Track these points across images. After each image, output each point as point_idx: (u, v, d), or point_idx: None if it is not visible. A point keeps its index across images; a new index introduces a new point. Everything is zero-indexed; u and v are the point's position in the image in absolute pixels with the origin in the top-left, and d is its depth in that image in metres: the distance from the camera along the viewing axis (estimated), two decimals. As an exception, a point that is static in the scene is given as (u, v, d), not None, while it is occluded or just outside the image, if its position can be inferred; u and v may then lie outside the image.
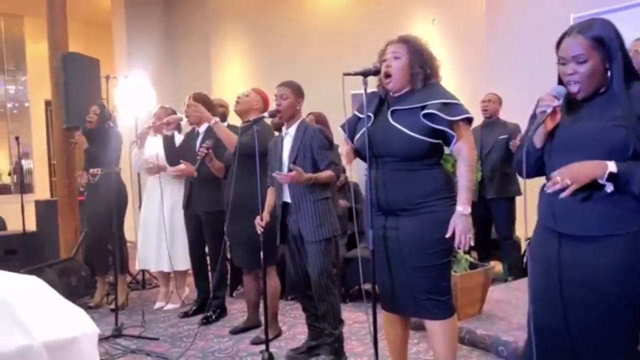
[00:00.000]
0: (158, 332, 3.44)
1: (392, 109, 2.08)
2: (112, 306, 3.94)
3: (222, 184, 3.44)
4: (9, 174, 9.71)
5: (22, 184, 5.65)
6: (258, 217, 2.70)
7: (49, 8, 4.73)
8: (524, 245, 4.35)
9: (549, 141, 1.64)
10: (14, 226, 5.69)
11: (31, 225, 5.15)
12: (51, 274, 3.83)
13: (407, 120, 2.01)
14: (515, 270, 4.12)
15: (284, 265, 3.62)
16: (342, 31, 6.00)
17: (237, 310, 3.87)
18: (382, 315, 2.20)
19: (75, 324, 1.47)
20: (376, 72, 2.06)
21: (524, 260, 4.32)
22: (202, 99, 3.64)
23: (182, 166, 3.60)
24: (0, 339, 1.29)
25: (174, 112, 4.00)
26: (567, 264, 1.58)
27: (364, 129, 2.11)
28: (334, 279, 2.71)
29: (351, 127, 2.24)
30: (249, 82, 6.29)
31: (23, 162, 8.22)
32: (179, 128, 3.93)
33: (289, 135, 2.76)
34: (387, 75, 2.06)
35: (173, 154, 3.65)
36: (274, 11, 6.50)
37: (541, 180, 1.72)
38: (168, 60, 7.04)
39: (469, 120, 2.05)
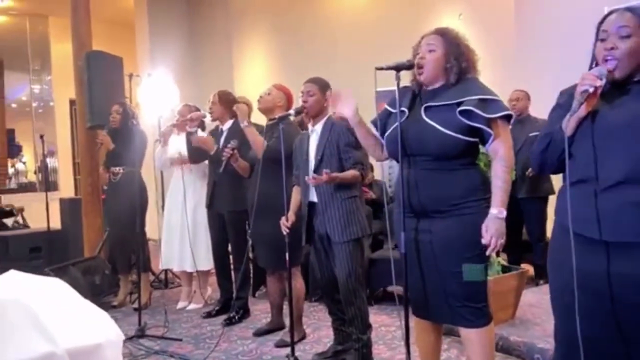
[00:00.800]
0: (181, 333, 3.40)
1: (425, 104, 1.98)
2: (135, 305, 3.93)
3: (246, 182, 3.39)
4: (35, 172, 9.89)
5: (47, 182, 5.69)
6: (283, 218, 2.63)
7: (74, 8, 4.75)
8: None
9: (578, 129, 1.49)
10: (39, 224, 5.75)
11: (56, 223, 5.18)
12: (75, 273, 3.83)
13: (442, 117, 1.91)
14: (547, 273, 3.96)
15: (308, 266, 3.55)
16: (366, 27, 5.90)
17: (260, 311, 3.81)
18: (413, 321, 2.10)
19: (99, 329, 1.42)
20: (409, 67, 1.96)
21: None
22: (227, 97, 3.60)
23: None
24: (23, 345, 1.24)
25: (198, 110, 3.96)
26: (619, 278, 1.42)
27: (395, 124, 2.02)
28: (362, 282, 2.62)
29: (382, 122, 2.14)
30: (271, 80, 6.23)
31: (48, 160, 8.34)
32: (202, 126, 3.89)
33: (315, 133, 2.68)
34: (420, 67, 1.97)
35: (196, 151, 3.60)
36: (296, 9, 6.43)
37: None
38: (190, 59, 7.03)
39: (508, 118, 1.94)
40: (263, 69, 6.73)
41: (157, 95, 4.46)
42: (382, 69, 1.96)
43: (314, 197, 2.67)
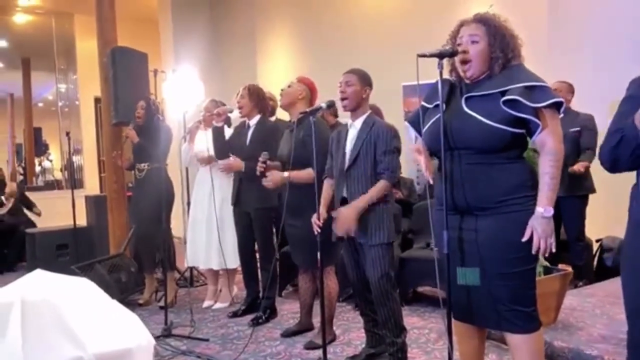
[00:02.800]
0: (208, 333, 3.33)
1: (466, 95, 1.86)
2: (161, 304, 3.89)
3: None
4: (61, 170, 10.01)
5: (73, 179, 5.71)
6: (315, 216, 2.53)
7: (99, 5, 4.73)
8: (595, 247, 4.02)
9: None
10: (64, 221, 5.78)
11: (81, 221, 5.18)
12: (101, 270, 3.80)
13: (485, 107, 1.78)
14: (587, 275, 3.79)
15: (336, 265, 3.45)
16: (389, 18, 5.75)
17: (287, 310, 3.73)
18: (454, 325, 1.98)
19: (129, 333, 1.34)
20: (453, 54, 1.84)
21: (595, 264, 3.99)
22: (257, 92, 3.51)
23: (230, 159, 3.48)
24: (50, 350, 1.17)
25: (224, 105, 3.89)
26: None
27: (434, 118, 1.90)
28: (394, 284, 2.50)
29: (418, 120, 2.02)
30: (295, 74, 6.15)
31: (74, 158, 8.42)
32: (228, 122, 3.81)
33: (353, 128, 2.57)
34: (464, 62, 1.83)
35: (222, 147, 3.53)
36: (320, 3, 6.32)
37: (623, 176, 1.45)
38: (214, 55, 6.99)
39: (558, 106, 1.79)
40: (287, 64, 6.64)
41: (182, 92, 4.40)
42: (424, 56, 1.84)
43: (345, 194, 2.57)
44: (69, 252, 5.17)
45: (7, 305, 1.26)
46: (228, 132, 3.70)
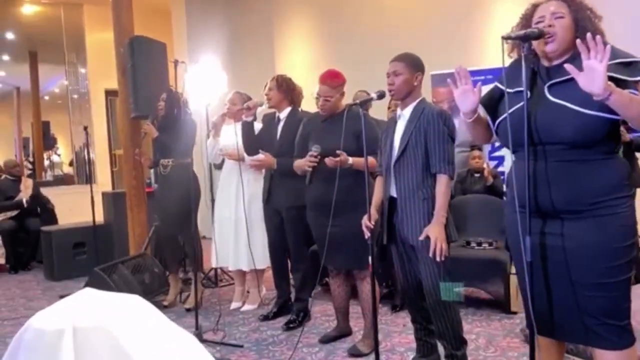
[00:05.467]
0: (240, 338, 3.16)
1: (550, 82, 1.66)
2: (187, 305, 3.73)
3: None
4: (70, 165, 9.84)
5: (91, 174, 5.53)
6: (365, 217, 2.33)
7: (114, -7, 4.52)
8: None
9: None
10: (77, 218, 5.61)
11: (97, 218, 5.01)
12: (124, 271, 3.63)
13: (574, 94, 1.57)
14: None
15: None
16: (413, 8, 5.53)
17: (320, 312, 3.55)
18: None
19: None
20: (539, 35, 1.63)
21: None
22: (286, 83, 3.31)
23: (261, 156, 3.28)
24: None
25: (249, 98, 3.69)
26: None
27: (512, 109, 1.70)
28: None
29: (492, 103, 1.82)
30: (313, 66, 5.94)
31: (86, 153, 8.24)
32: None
33: (402, 118, 2.36)
34: (549, 35, 1.63)
35: (252, 142, 3.33)
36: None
37: None
38: (229, 46, 6.75)
39: None
40: (305, 54, 6.42)
41: (205, 83, 4.20)
42: (510, 38, 1.65)
43: (393, 192, 2.38)
44: (87, 251, 5.01)
45: (58, 332, 1.08)
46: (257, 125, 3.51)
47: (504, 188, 4.42)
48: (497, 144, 4.75)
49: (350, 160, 2.62)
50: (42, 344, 1.10)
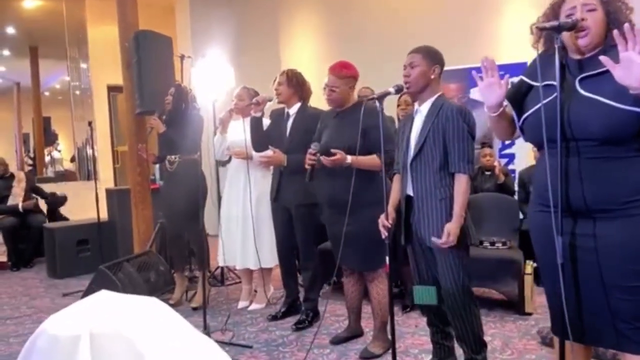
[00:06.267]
0: (249, 338, 3.09)
1: (581, 75, 1.59)
2: (194, 304, 3.67)
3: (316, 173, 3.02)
4: (71, 161, 9.75)
5: (95, 171, 5.45)
6: (382, 216, 2.26)
7: (118, -13, 4.43)
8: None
9: None
10: (79, 215, 5.54)
11: (101, 215, 4.94)
12: (130, 269, 3.56)
13: (606, 87, 1.51)
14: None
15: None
16: (423, 2, 5.45)
17: (329, 312, 3.48)
18: (555, 342, 1.73)
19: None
20: (573, 26, 1.56)
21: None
22: (295, 77, 3.23)
23: (270, 152, 3.21)
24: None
25: (257, 93, 3.62)
26: None
27: (539, 104, 1.63)
28: (471, 292, 2.24)
29: (518, 97, 1.75)
30: (319, 60, 5.86)
31: (88, 149, 8.17)
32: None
33: (419, 114, 2.29)
34: (582, 29, 1.57)
35: (261, 138, 3.26)
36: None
37: None
38: (234, 40, 6.66)
39: None
40: (311, 48, 6.34)
41: (211, 78, 4.12)
42: (544, 28, 1.57)
43: (410, 191, 2.31)
44: (90, 248, 4.94)
45: (74, 338, 1.01)
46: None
47: (515, 187, 4.37)
48: (507, 142, 4.68)
49: (349, 159, 2.55)
50: (57, 350, 1.03)
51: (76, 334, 1.03)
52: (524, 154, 4.67)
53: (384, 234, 2.24)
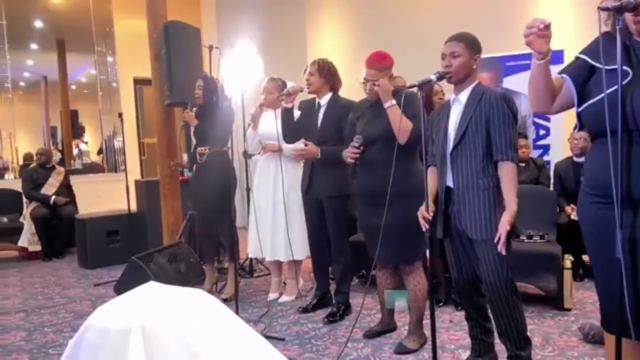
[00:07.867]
0: (281, 331, 3.07)
1: None
2: (224, 296, 3.66)
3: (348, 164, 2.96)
4: (98, 153, 9.89)
5: (124, 163, 5.48)
6: (422, 208, 2.19)
7: (147, -21, 4.42)
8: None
9: None
10: (107, 206, 5.59)
11: (124, 205, 4.99)
12: (161, 260, 3.56)
13: None
14: None
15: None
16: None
17: (359, 305, 3.43)
18: (607, 339, 1.65)
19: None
20: (636, 7, 1.46)
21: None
22: (327, 67, 3.17)
23: (302, 145, 3.16)
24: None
25: (284, 84, 3.57)
26: None
27: (609, 90, 1.52)
28: (514, 286, 2.16)
29: (580, 79, 1.64)
30: (346, 50, 5.77)
31: (115, 141, 8.25)
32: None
33: (457, 103, 2.21)
34: None
35: (292, 130, 3.21)
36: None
37: None
38: (259, 31, 6.61)
39: None
40: (338, 36, 6.25)
41: (240, 69, 4.08)
42: (607, 9, 1.47)
43: (450, 182, 2.23)
44: (120, 239, 4.99)
45: (124, 331, 0.98)
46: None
47: (551, 179, 4.24)
48: (541, 132, 4.55)
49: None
50: (107, 343, 1.01)
51: (127, 327, 1.00)
52: (559, 145, 4.53)
53: (425, 226, 2.18)
